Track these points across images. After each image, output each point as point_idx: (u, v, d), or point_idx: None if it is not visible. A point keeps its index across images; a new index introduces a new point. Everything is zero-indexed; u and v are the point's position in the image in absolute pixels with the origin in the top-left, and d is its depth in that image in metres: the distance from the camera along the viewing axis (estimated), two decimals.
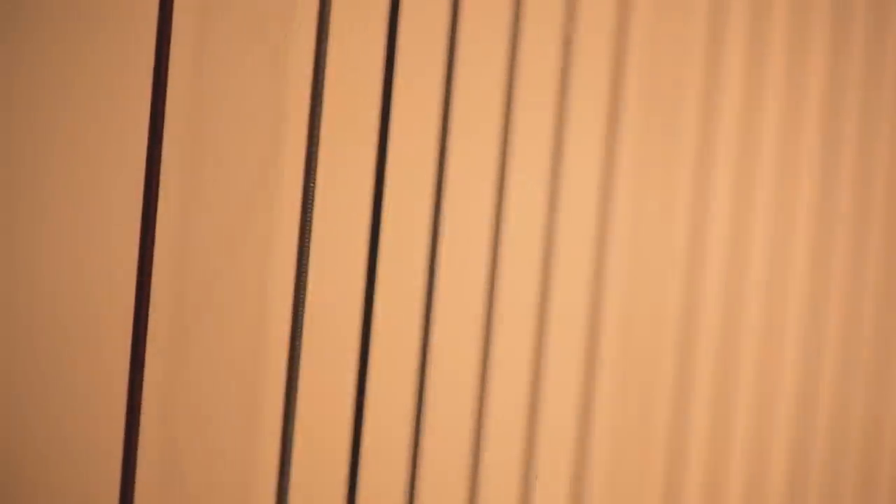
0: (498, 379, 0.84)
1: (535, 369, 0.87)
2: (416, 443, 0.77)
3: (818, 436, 1.10)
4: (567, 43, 0.80)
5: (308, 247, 0.67)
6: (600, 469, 0.92)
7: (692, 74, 0.95)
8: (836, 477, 1.13)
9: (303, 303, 0.67)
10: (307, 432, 0.71)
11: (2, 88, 0.61)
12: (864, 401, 1.14)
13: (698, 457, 1.00)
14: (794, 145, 1.05)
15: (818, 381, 1.09)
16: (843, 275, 1.10)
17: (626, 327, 0.93)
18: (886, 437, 1.16)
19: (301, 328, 0.67)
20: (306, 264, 0.67)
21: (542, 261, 0.86)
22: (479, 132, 0.81)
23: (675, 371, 0.97)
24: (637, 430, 0.95)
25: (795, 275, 1.06)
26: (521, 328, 0.86)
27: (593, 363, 0.90)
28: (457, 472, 0.82)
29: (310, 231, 0.67)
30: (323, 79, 0.66)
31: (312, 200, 0.67)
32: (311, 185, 0.67)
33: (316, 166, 0.66)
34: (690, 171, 0.96)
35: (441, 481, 0.81)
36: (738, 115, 0.99)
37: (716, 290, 0.99)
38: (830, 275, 1.09)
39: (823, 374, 1.10)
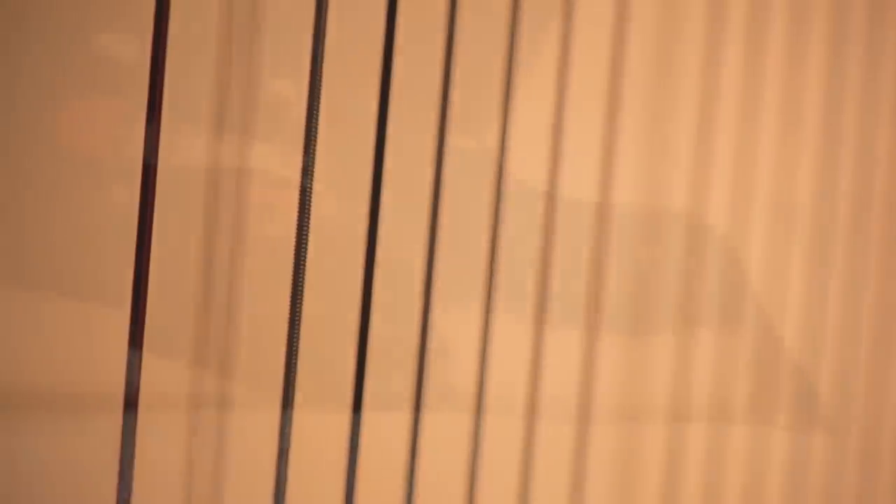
0: (496, 379, 0.84)
1: (533, 369, 0.87)
2: (414, 448, 0.77)
3: (816, 438, 1.10)
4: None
5: (306, 247, 0.67)
6: (598, 470, 0.92)
7: (690, 62, 0.95)
8: (836, 477, 1.12)
9: (300, 305, 0.67)
10: (304, 432, 0.71)
11: (2, 88, 0.61)
12: (863, 400, 1.14)
13: (696, 456, 0.99)
14: (793, 146, 1.05)
15: (816, 382, 1.09)
16: (841, 274, 1.10)
17: (621, 327, 0.93)
18: (885, 441, 1.16)
19: (299, 327, 0.67)
20: (304, 266, 0.67)
21: (540, 251, 0.86)
22: (478, 123, 0.81)
23: (671, 370, 0.97)
24: (632, 431, 0.95)
25: (792, 276, 1.06)
26: (517, 327, 0.86)
27: (589, 363, 0.90)
28: (455, 477, 0.82)
29: (307, 232, 0.67)
30: (321, 65, 0.66)
31: (310, 198, 0.67)
32: (309, 185, 0.68)
33: (313, 163, 0.66)
34: (685, 173, 0.96)
35: (439, 482, 0.81)
36: (735, 116, 0.99)
37: (712, 290, 0.99)
38: (829, 275, 1.09)
39: (822, 374, 1.10)
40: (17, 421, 0.62)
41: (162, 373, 0.66)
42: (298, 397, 0.71)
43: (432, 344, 0.79)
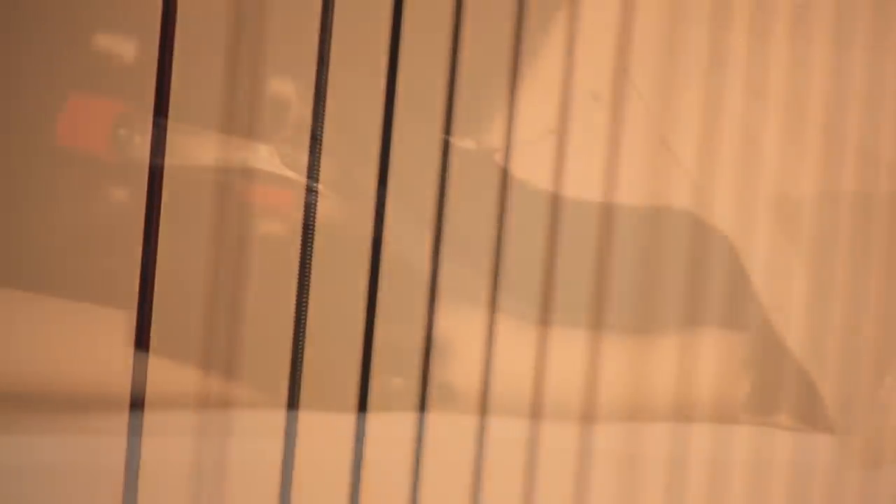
0: (500, 380, 0.84)
1: (537, 370, 0.87)
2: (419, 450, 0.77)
3: (820, 438, 1.10)
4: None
5: (311, 248, 0.67)
6: (602, 470, 0.92)
7: (694, 62, 0.95)
8: (839, 477, 1.12)
9: (305, 306, 0.68)
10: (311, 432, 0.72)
11: (10, 89, 0.61)
12: (866, 399, 1.14)
13: (700, 456, 1.00)
14: (797, 146, 1.05)
15: (820, 382, 1.09)
16: (845, 274, 1.10)
17: (625, 327, 0.93)
18: (889, 441, 1.16)
19: (304, 328, 0.67)
20: (309, 267, 0.68)
21: (545, 252, 0.86)
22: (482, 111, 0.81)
23: (675, 371, 0.97)
24: (636, 431, 0.95)
25: (796, 276, 1.06)
26: (521, 328, 0.86)
27: (594, 364, 0.90)
28: (460, 477, 0.82)
29: (312, 232, 0.67)
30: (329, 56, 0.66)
31: (315, 199, 0.67)
32: (314, 186, 0.68)
33: (319, 164, 0.66)
34: (689, 173, 0.96)
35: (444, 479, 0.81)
36: (739, 116, 0.99)
37: (716, 291, 0.99)
38: (832, 275, 1.09)
39: (825, 374, 1.10)
40: (24, 421, 0.62)
41: (168, 373, 0.66)
42: (303, 398, 0.71)
43: (437, 345, 0.79)
